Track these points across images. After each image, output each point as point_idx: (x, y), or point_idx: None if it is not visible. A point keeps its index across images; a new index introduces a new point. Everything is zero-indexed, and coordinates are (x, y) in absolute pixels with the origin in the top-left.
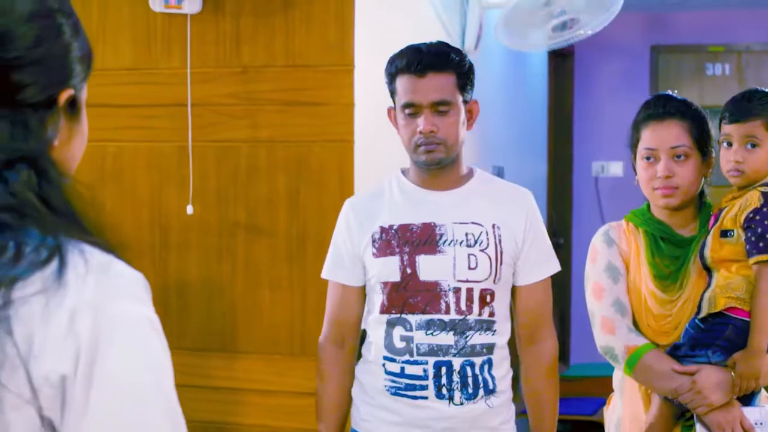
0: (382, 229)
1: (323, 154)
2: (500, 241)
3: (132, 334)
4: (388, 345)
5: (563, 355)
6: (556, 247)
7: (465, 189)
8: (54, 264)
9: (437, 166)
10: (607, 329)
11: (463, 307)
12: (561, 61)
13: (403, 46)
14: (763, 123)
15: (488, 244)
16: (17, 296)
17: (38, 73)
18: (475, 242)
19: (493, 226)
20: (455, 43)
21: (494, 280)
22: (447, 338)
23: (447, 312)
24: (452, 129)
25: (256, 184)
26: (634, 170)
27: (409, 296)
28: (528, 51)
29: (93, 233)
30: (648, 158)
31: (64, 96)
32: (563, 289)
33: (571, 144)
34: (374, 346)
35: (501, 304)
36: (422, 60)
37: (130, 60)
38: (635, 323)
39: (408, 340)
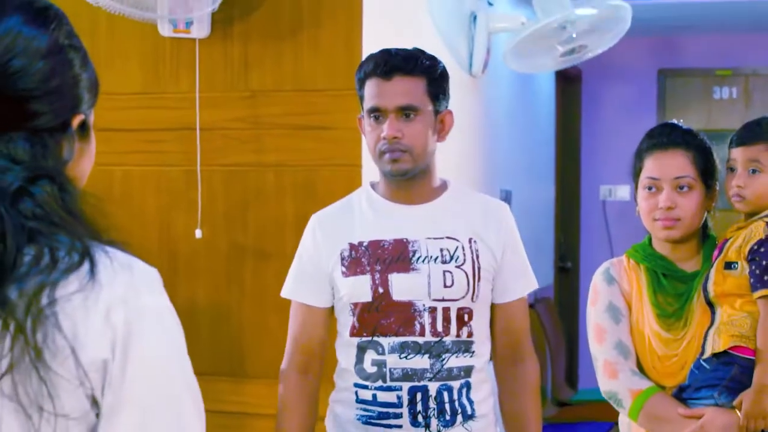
0: (352, 246)
1: (331, 179)
2: (477, 256)
3: (156, 322)
4: (359, 371)
5: (571, 380)
6: (564, 270)
7: (438, 202)
8: (86, 265)
9: (404, 177)
10: (610, 373)
11: (440, 327)
12: (568, 84)
13: None
14: (767, 147)
15: (465, 260)
16: (60, 295)
17: (53, 102)
18: (451, 258)
19: (470, 240)
20: (463, 67)
21: (472, 298)
22: (422, 362)
23: (422, 333)
24: (419, 136)
25: (264, 208)
26: (636, 200)
27: (381, 317)
28: (535, 73)
29: (108, 237)
30: (650, 188)
31: (76, 121)
32: (571, 312)
33: (579, 167)
34: (345, 372)
35: (480, 324)
36: (389, 62)
37: (138, 84)
38: (639, 365)
39: (380, 364)
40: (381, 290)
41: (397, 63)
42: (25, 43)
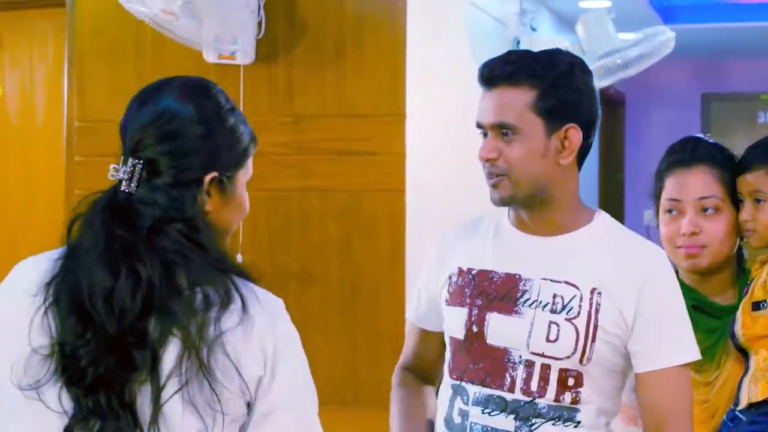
0: (460, 272)
1: (375, 204)
2: (597, 311)
3: (293, 345)
4: (448, 419)
5: None
6: None
7: (570, 237)
8: (239, 302)
9: (509, 205)
10: (628, 418)
11: (533, 386)
12: (612, 108)
13: (454, 94)
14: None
15: (579, 313)
16: (225, 328)
17: (179, 162)
18: (563, 308)
19: (592, 291)
20: None
21: (581, 360)
22: (506, 422)
23: (511, 389)
24: (518, 159)
25: (307, 233)
26: (657, 225)
27: (470, 360)
28: None
29: (241, 271)
30: (671, 211)
31: (208, 178)
32: None
33: (623, 192)
34: (438, 417)
35: (596, 392)
36: (494, 68)
37: None
38: None
39: (464, 416)
40: (475, 329)
41: (501, 70)
42: (192, 115)
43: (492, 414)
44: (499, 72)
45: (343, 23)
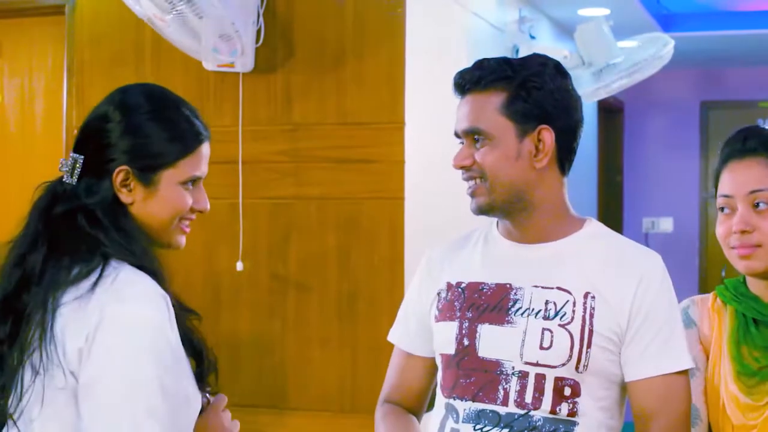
0: (449, 287)
1: (374, 212)
2: (592, 315)
3: (126, 324)
4: None
5: None
6: None
7: (560, 244)
8: (92, 279)
9: (489, 214)
10: None
11: (528, 398)
12: (610, 116)
13: (451, 104)
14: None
15: (572, 319)
16: (65, 301)
17: (105, 155)
18: (556, 314)
19: (586, 295)
20: None
21: (577, 368)
22: None
23: (504, 403)
24: (491, 164)
25: (306, 241)
26: None
27: (461, 376)
28: None
29: (141, 260)
30: (723, 209)
31: (116, 171)
32: None
33: (621, 200)
34: None
35: (594, 404)
36: (465, 76)
37: None
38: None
39: None
40: (467, 342)
41: (470, 76)
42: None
43: (484, 430)
44: (469, 78)
45: (343, 31)
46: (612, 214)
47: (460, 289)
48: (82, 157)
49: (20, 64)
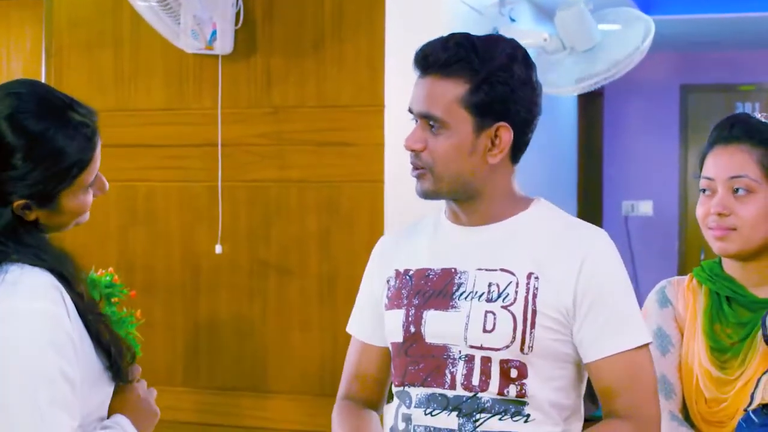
0: (397, 274)
1: (354, 195)
2: (535, 295)
3: (10, 319)
4: (393, 427)
5: (593, 396)
6: None
7: (504, 224)
8: None
9: (433, 198)
10: None
11: (475, 381)
12: (590, 100)
13: None
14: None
15: (515, 300)
16: None
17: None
18: (498, 296)
19: (529, 276)
20: None
21: (522, 349)
22: (449, 420)
23: (452, 386)
24: (443, 154)
25: (286, 224)
26: None
27: (410, 363)
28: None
29: (51, 264)
30: (704, 191)
31: (15, 205)
32: None
33: (601, 183)
34: (384, 429)
35: (544, 385)
36: (428, 55)
37: (162, 100)
38: (685, 408)
39: (407, 420)
40: (413, 329)
41: (435, 56)
42: None
43: (434, 414)
44: (434, 59)
45: (323, 13)
46: (591, 198)
47: (408, 277)
48: None
49: None
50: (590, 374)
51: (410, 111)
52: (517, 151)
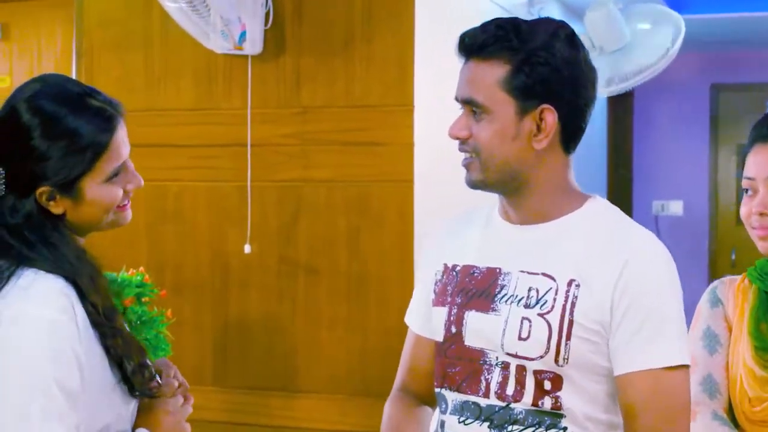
0: (445, 269)
1: (383, 194)
2: (573, 305)
3: (14, 325)
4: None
5: None
6: None
7: (553, 225)
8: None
9: (482, 189)
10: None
11: (509, 390)
12: (620, 100)
13: None
14: None
15: (552, 308)
16: None
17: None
18: (536, 302)
19: (570, 282)
20: None
21: (557, 360)
22: (480, 431)
23: (485, 394)
24: (486, 140)
25: (315, 224)
26: None
27: (448, 364)
28: None
29: (68, 271)
30: (746, 191)
31: (38, 192)
32: None
33: (631, 183)
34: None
35: (579, 398)
36: (467, 39)
37: (191, 100)
38: (731, 408)
39: (442, 426)
40: (454, 330)
41: (473, 40)
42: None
43: (467, 423)
44: (472, 43)
45: (352, 13)
46: (622, 198)
47: (455, 272)
48: (3, 172)
49: (29, 46)
50: (617, 388)
51: (456, 99)
52: (569, 139)
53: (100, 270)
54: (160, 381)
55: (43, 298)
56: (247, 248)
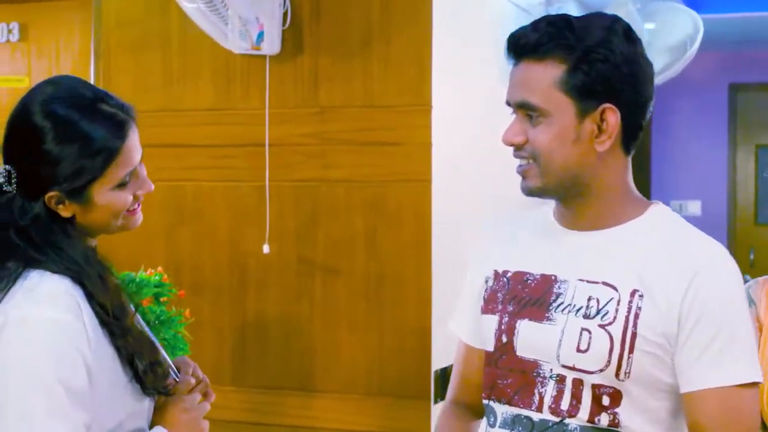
0: (496, 275)
1: (401, 194)
2: (637, 316)
3: (19, 326)
4: None
5: None
6: None
7: (614, 232)
8: (4, 286)
9: (540, 196)
10: None
11: (564, 405)
12: None
13: (480, 85)
14: None
15: (615, 318)
16: None
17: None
18: (597, 313)
19: (633, 293)
20: None
21: (618, 374)
22: None
23: (539, 409)
24: (545, 144)
25: (333, 224)
26: None
27: (499, 376)
28: None
29: (76, 273)
30: None
31: (47, 197)
32: None
33: (649, 183)
34: None
35: (639, 415)
36: (518, 39)
37: (209, 100)
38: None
39: None
40: (505, 339)
41: (525, 39)
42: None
43: None
44: (524, 43)
45: (369, 13)
46: None
47: (505, 278)
48: (14, 172)
49: (47, 46)
50: (683, 406)
51: (507, 104)
52: (629, 138)
53: (110, 269)
54: (177, 378)
55: (48, 299)
56: (265, 248)
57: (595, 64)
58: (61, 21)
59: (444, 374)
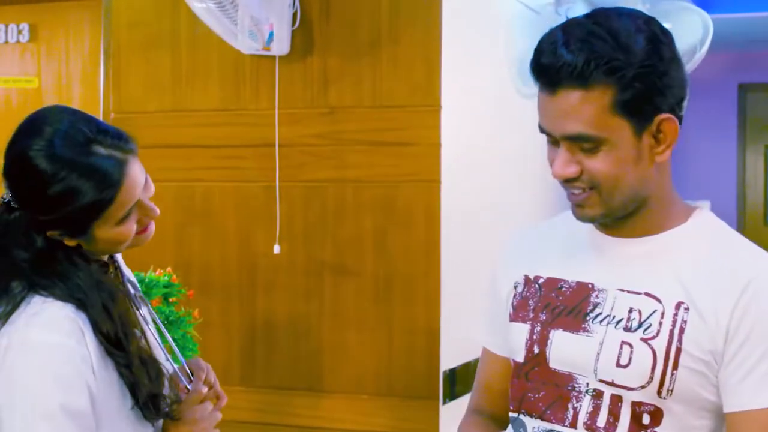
0: (527, 281)
1: (410, 195)
2: (682, 330)
3: (23, 350)
4: None
5: None
6: None
7: (657, 240)
8: (8, 309)
9: (599, 222)
10: None
11: (600, 422)
12: None
13: (489, 85)
14: None
15: (658, 332)
16: None
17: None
18: (639, 325)
19: (678, 305)
20: None
21: (659, 392)
22: None
23: (573, 425)
24: (607, 172)
25: (342, 225)
26: None
27: (530, 389)
28: None
29: (80, 299)
30: None
31: (50, 234)
32: None
33: None
34: None
35: None
36: (553, 66)
37: (218, 101)
38: None
39: None
40: (537, 350)
41: (562, 65)
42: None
43: None
44: (564, 71)
45: (379, 13)
46: None
47: (537, 285)
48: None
49: (57, 47)
50: (727, 425)
51: (543, 131)
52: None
53: (118, 294)
54: (188, 386)
55: (50, 324)
56: (276, 249)
57: (646, 78)
58: (70, 21)
59: (453, 375)
